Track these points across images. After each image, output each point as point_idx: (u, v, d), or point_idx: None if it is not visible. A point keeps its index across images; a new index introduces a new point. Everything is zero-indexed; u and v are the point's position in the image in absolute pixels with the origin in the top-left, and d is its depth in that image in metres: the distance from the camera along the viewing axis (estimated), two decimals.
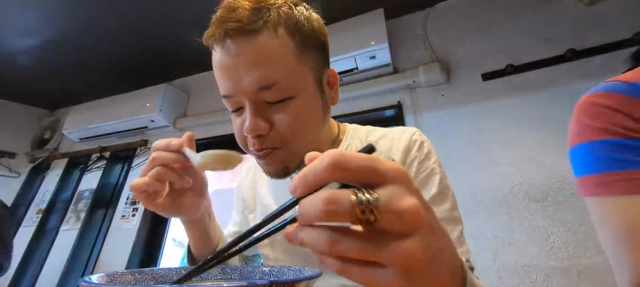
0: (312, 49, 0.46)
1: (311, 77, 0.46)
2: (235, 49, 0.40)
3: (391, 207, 0.18)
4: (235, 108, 0.46)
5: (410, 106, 1.58)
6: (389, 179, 0.19)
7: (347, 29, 1.60)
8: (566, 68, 1.33)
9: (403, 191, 0.19)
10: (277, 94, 0.42)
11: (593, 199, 0.40)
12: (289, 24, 0.42)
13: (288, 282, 0.25)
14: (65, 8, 1.64)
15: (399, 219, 0.18)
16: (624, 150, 0.38)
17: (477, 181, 1.33)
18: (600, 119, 0.40)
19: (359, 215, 0.18)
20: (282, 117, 0.43)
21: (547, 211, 1.19)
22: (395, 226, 0.18)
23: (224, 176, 3.70)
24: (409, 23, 1.72)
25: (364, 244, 0.18)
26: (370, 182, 0.19)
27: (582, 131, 0.42)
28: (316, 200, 0.18)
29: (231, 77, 0.42)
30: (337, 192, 0.18)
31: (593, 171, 0.40)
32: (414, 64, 1.60)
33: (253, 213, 0.64)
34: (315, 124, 0.48)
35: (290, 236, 0.20)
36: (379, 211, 0.18)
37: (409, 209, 0.18)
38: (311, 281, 0.27)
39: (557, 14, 1.41)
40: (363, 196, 0.18)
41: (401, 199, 0.18)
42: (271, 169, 0.47)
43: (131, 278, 0.35)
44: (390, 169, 0.19)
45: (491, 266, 1.20)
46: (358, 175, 0.19)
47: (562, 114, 1.25)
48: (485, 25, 1.54)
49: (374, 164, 0.19)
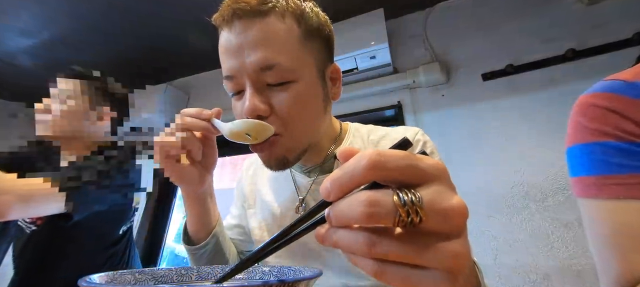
0: (316, 40, 0.47)
1: (313, 67, 0.46)
2: (242, 27, 0.42)
3: (436, 208, 0.17)
4: (236, 91, 0.46)
5: (410, 106, 1.58)
6: (430, 177, 0.18)
7: (347, 29, 1.60)
8: (566, 68, 1.33)
9: (445, 189, 0.18)
10: (278, 75, 0.42)
11: (585, 200, 0.41)
12: (296, 12, 0.44)
13: (288, 282, 0.25)
14: (65, 8, 1.64)
15: (444, 220, 0.17)
16: (619, 153, 0.38)
17: (477, 180, 1.33)
18: (596, 120, 0.40)
19: (404, 217, 0.17)
20: (281, 99, 0.43)
21: (547, 211, 1.19)
22: (441, 227, 0.17)
23: (224, 176, 3.70)
24: (409, 23, 1.72)
25: (407, 246, 0.17)
26: (411, 182, 0.18)
27: (578, 132, 0.42)
28: (355, 202, 0.17)
29: (235, 55, 0.43)
30: (378, 193, 0.17)
31: (587, 172, 0.40)
32: (414, 64, 1.60)
33: (253, 208, 0.64)
34: (315, 114, 0.48)
35: (323, 237, 0.20)
36: (424, 211, 0.17)
37: (455, 209, 0.17)
38: (311, 280, 0.27)
39: (557, 14, 1.41)
40: (406, 197, 0.17)
41: (446, 198, 0.17)
42: (271, 158, 0.47)
43: (131, 278, 0.35)
44: (431, 166, 0.18)
45: (491, 266, 1.20)
46: (399, 175, 0.18)
47: (562, 114, 1.25)
48: (485, 25, 1.54)
49: (414, 162, 0.18)
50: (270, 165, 0.48)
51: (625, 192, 0.36)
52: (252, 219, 0.62)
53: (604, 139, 0.39)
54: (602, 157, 0.39)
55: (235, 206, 0.70)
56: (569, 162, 0.44)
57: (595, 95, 0.41)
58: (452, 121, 1.47)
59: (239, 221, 0.67)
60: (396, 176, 0.18)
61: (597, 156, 0.39)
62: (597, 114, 0.40)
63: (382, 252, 0.17)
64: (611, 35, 1.28)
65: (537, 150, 1.27)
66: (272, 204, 0.60)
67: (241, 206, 0.67)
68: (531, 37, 1.43)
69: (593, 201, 0.39)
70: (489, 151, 1.36)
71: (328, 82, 0.51)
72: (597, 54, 1.29)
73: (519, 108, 1.37)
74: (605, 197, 0.38)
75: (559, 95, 1.31)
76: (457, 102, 1.50)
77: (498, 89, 1.43)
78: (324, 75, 0.49)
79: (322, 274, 0.29)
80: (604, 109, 0.40)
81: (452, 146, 1.42)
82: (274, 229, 0.57)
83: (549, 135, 1.26)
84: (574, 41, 1.33)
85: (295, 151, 0.47)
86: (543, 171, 1.24)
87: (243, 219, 0.66)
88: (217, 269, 0.40)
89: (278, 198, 0.59)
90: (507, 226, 1.23)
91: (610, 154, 0.38)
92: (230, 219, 0.69)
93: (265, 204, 0.61)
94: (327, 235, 0.19)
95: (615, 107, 0.39)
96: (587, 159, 0.40)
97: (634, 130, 0.37)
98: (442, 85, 1.55)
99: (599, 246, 0.39)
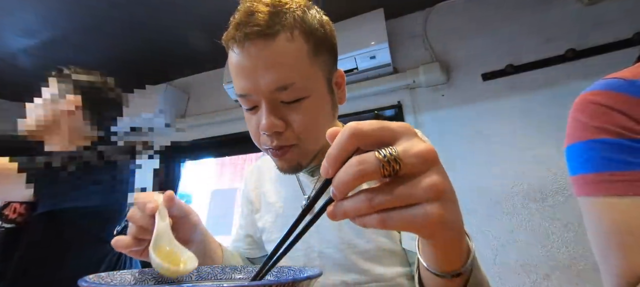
0: (324, 52, 0.48)
1: (322, 79, 0.48)
2: (255, 51, 0.43)
3: (409, 154, 0.21)
4: (251, 107, 0.48)
5: (410, 106, 1.58)
6: (400, 134, 0.22)
7: (347, 29, 1.60)
8: (566, 68, 1.33)
9: (414, 140, 0.22)
10: (293, 94, 0.45)
11: (586, 199, 0.40)
12: (304, 28, 0.45)
13: (288, 282, 0.25)
14: (65, 8, 1.64)
15: (418, 161, 0.21)
16: (620, 150, 0.37)
17: (477, 180, 1.33)
18: (597, 118, 0.39)
19: (387, 167, 0.20)
20: (296, 115, 0.46)
21: (547, 211, 1.19)
22: (417, 168, 0.21)
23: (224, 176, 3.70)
24: (409, 23, 1.72)
25: (397, 191, 0.21)
26: (385, 141, 0.22)
27: (578, 130, 0.42)
28: (348, 166, 0.21)
29: (249, 77, 0.44)
30: (363, 154, 0.21)
31: (588, 170, 0.40)
32: (414, 64, 1.60)
33: (259, 212, 0.65)
34: (326, 122, 0.50)
35: (334, 213, 0.23)
36: (400, 159, 0.20)
37: (424, 151, 0.21)
38: (311, 280, 0.27)
39: (557, 14, 1.41)
40: (385, 152, 0.21)
41: (415, 146, 0.21)
42: (286, 165, 0.50)
43: (131, 278, 0.35)
44: (399, 126, 0.22)
45: (491, 266, 1.20)
46: (375, 137, 0.22)
47: (562, 114, 1.24)
48: (485, 25, 1.54)
49: (385, 125, 0.22)
50: (283, 169, 0.51)
51: (627, 189, 0.36)
52: (260, 223, 0.63)
53: (605, 136, 0.38)
54: (603, 154, 0.38)
55: (242, 215, 0.70)
56: (568, 160, 0.44)
57: (596, 93, 0.41)
58: (452, 121, 1.48)
59: (248, 231, 0.67)
60: (374, 139, 0.22)
61: (598, 153, 0.38)
62: (597, 112, 0.40)
63: (379, 202, 0.21)
64: (611, 35, 1.28)
65: (537, 150, 1.27)
66: (276, 206, 0.61)
67: (248, 214, 0.68)
68: (531, 37, 1.43)
69: (594, 199, 0.39)
70: (489, 151, 1.36)
71: (335, 88, 0.53)
72: (597, 54, 1.29)
73: (519, 108, 1.37)
74: (607, 194, 0.37)
75: (559, 95, 1.31)
76: (457, 102, 1.50)
77: (498, 89, 1.43)
78: (332, 83, 0.51)
79: (322, 274, 0.29)
80: (605, 106, 0.39)
81: (452, 146, 1.43)
82: (283, 223, 0.59)
83: (548, 136, 1.26)
84: (574, 41, 1.34)
85: (308, 157, 0.50)
86: (543, 171, 1.24)
87: (251, 227, 0.67)
88: (217, 270, 0.40)
89: (283, 198, 0.61)
90: (507, 226, 1.23)
91: (612, 150, 0.37)
92: (239, 230, 0.70)
93: (271, 205, 0.62)
94: (336, 210, 0.23)
95: (616, 105, 0.38)
96: (588, 156, 0.40)
97: (635, 127, 0.37)
98: (442, 85, 1.55)
99: (601, 244, 0.39)
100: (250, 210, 0.67)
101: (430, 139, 0.57)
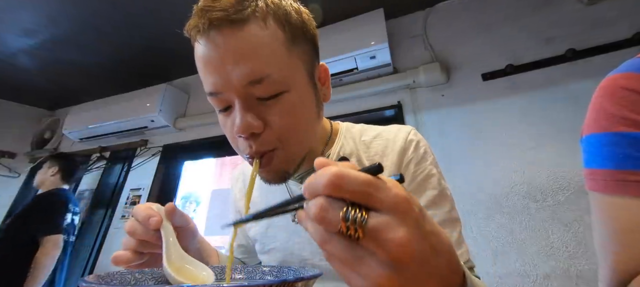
0: (302, 41, 0.43)
1: (303, 71, 0.43)
2: (221, 40, 0.37)
3: (377, 234, 0.19)
4: (224, 107, 0.41)
5: (410, 106, 1.58)
6: (385, 207, 0.20)
7: (347, 29, 1.60)
8: (566, 68, 1.33)
9: (397, 222, 0.19)
10: (269, 88, 0.38)
11: (603, 196, 0.36)
12: (278, 15, 0.39)
13: (288, 282, 0.25)
14: (65, 8, 1.64)
15: (382, 248, 0.19)
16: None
17: (477, 181, 1.33)
18: (625, 107, 0.34)
19: (343, 229, 0.19)
20: (275, 113, 0.40)
21: (547, 211, 1.19)
22: (378, 252, 0.19)
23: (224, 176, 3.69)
24: (409, 23, 1.72)
25: (347, 253, 0.20)
26: (367, 204, 0.20)
27: (602, 118, 0.36)
28: (315, 203, 0.21)
29: (217, 71, 0.38)
30: (333, 203, 0.20)
31: (605, 165, 0.35)
32: (414, 64, 1.60)
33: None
34: (310, 121, 0.45)
35: (300, 218, 0.23)
36: (363, 232, 0.19)
37: (395, 242, 0.19)
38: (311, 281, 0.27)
39: (557, 14, 1.41)
40: (352, 214, 0.19)
41: (391, 229, 0.19)
42: (270, 176, 0.44)
43: (131, 278, 0.35)
44: (390, 196, 0.20)
45: (491, 267, 1.20)
46: (351, 197, 0.20)
47: (562, 114, 1.26)
48: (485, 25, 1.54)
49: (371, 190, 0.20)
50: (269, 180, 0.44)
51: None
52: (251, 232, 0.61)
53: (629, 129, 0.33)
54: (624, 150, 0.34)
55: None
56: (584, 151, 0.39)
57: (627, 75, 0.35)
58: (452, 121, 1.47)
59: (240, 241, 0.65)
60: (348, 198, 0.20)
61: (622, 149, 0.34)
62: (627, 99, 0.34)
63: (328, 250, 0.21)
64: (611, 35, 1.28)
65: (537, 150, 1.27)
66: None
67: None
68: (531, 37, 1.43)
69: (608, 197, 0.35)
70: (489, 151, 1.35)
71: (318, 84, 0.47)
72: (597, 54, 1.28)
73: (519, 108, 1.36)
74: (623, 194, 0.33)
75: (559, 95, 1.30)
76: (457, 102, 1.50)
77: (498, 89, 1.43)
78: (314, 77, 0.46)
79: (322, 274, 0.29)
80: (637, 93, 0.34)
81: (452, 146, 1.42)
82: (274, 234, 0.55)
83: (548, 135, 1.26)
84: (574, 41, 1.33)
85: (294, 163, 0.44)
86: (543, 171, 1.23)
87: (243, 237, 0.65)
88: (217, 269, 0.40)
89: (268, 205, 0.58)
90: (507, 226, 1.23)
91: (634, 146, 0.33)
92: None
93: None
94: (304, 218, 0.23)
95: None
96: (607, 150, 0.35)
97: None
98: (442, 85, 1.55)
99: (606, 243, 0.36)
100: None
101: (430, 139, 0.56)
